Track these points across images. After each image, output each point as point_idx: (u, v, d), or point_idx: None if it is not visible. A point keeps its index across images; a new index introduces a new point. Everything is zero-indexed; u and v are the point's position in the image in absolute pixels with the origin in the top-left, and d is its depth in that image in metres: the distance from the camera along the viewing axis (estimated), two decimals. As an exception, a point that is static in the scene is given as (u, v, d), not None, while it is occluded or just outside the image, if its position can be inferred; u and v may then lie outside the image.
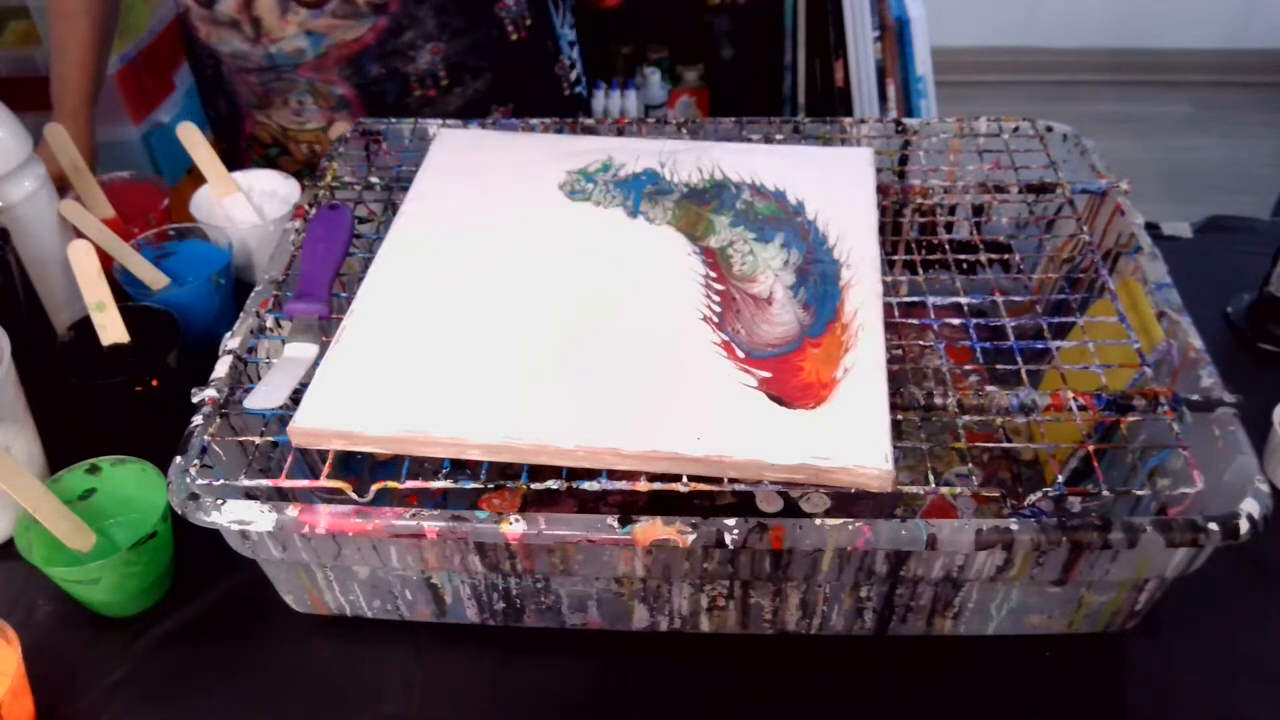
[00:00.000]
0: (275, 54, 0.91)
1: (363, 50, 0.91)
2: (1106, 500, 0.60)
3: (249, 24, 0.89)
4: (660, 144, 0.75)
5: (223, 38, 0.91)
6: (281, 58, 0.91)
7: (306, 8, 0.87)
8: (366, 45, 0.91)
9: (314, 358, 0.60)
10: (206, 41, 0.93)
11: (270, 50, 0.91)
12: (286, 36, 0.89)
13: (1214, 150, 2.47)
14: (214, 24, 0.91)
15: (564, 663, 0.61)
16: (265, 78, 0.93)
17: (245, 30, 0.89)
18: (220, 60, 0.94)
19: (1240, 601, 0.63)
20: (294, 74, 0.92)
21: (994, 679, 0.60)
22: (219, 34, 0.91)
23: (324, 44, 0.90)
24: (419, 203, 0.70)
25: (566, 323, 0.59)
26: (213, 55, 0.94)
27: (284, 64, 0.92)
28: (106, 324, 0.73)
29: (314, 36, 0.89)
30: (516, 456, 0.53)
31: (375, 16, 0.89)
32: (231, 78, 0.96)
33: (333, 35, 0.90)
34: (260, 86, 0.94)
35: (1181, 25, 2.62)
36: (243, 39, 0.90)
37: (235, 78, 0.95)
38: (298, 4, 0.87)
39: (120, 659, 0.62)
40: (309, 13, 0.88)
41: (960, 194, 0.75)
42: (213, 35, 0.92)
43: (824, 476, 0.52)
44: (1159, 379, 0.61)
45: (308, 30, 0.89)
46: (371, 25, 0.89)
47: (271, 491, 0.58)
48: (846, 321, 0.59)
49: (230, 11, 0.89)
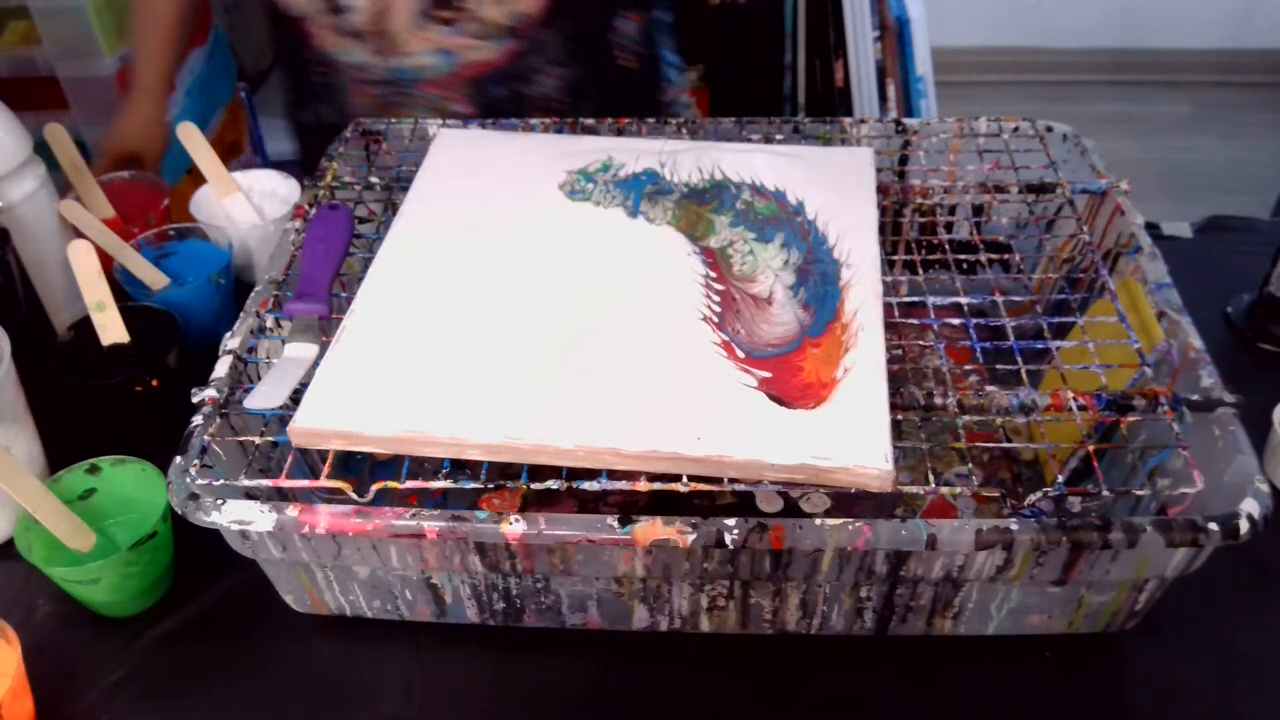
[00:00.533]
0: (401, 69, 0.89)
1: (490, 71, 0.90)
2: (1106, 500, 0.60)
3: (378, 37, 0.87)
4: (660, 144, 0.75)
5: (346, 48, 0.90)
6: (407, 73, 0.90)
7: (442, 25, 0.86)
8: (494, 66, 0.90)
9: (314, 358, 0.60)
10: (323, 49, 0.91)
11: (396, 65, 0.89)
12: (415, 52, 0.88)
13: (1214, 150, 2.47)
14: (338, 33, 0.89)
15: (564, 663, 0.61)
16: (385, 91, 0.92)
17: (372, 43, 0.88)
18: (337, 69, 0.92)
19: (1240, 601, 0.63)
20: (416, 90, 0.91)
21: (994, 679, 0.60)
22: (342, 43, 0.89)
23: (452, 62, 0.89)
24: (419, 203, 0.70)
25: (566, 323, 0.59)
26: (329, 63, 0.92)
27: (408, 79, 0.90)
28: (106, 324, 0.73)
29: (443, 54, 0.88)
30: (516, 456, 0.53)
31: (508, 39, 0.88)
32: (346, 87, 0.94)
33: (462, 55, 0.88)
34: (378, 99, 0.93)
35: (1181, 25, 2.62)
36: (368, 51, 0.89)
37: (351, 88, 0.93)
38: (434, 22, 0.86)
39: (120, 659, 0.62)
40: (443, 31, 0.87)
41: (960, 194, 0.75)
42: (334, 44, 0.90)
43: (824, 476, 0.52)
44: (1159, 379, 0.61)
45: (438, 48, 0.88)
46: (502, 47, 0.88)
47: (271, 491, 0.58)
48: (846, 321, 0.59)
49: (360, 24, 0.87)
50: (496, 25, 0.87)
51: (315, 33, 0.90)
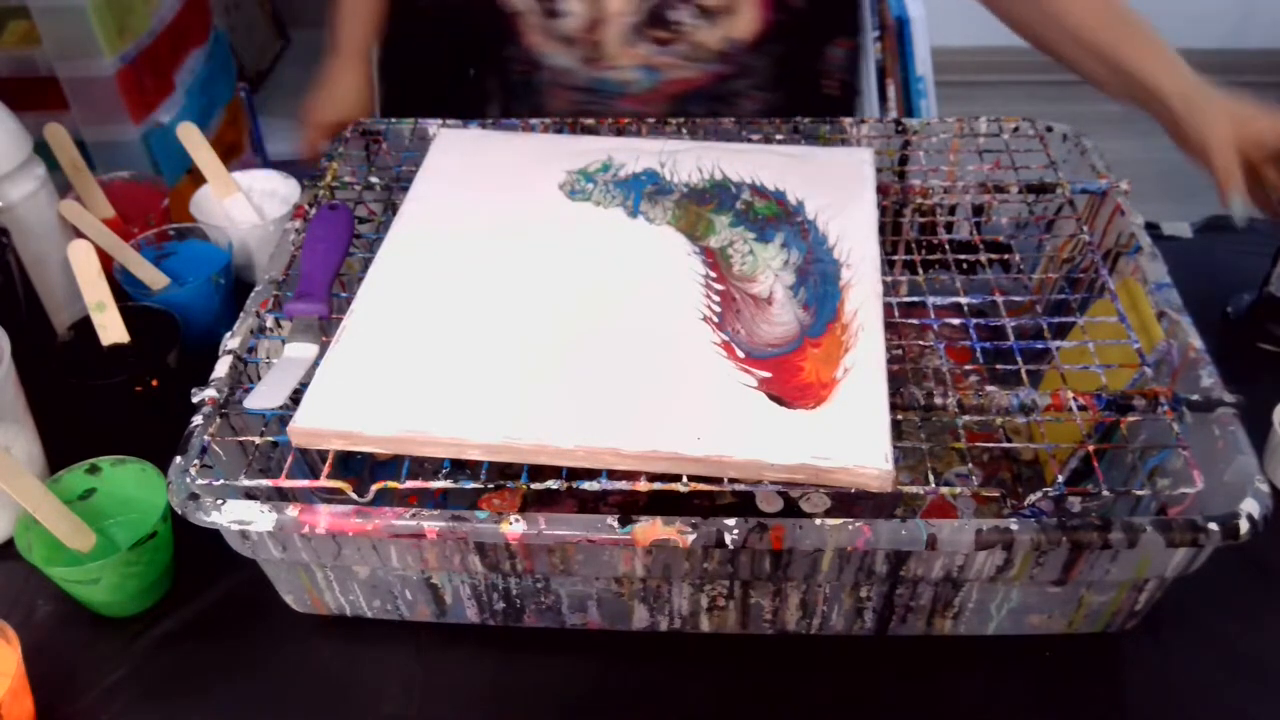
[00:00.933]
0: (604, 79, 0.88)
1: (693, 91, 0.88)
2: (1106, 500, 0.60)
3: (588, 46, 0.86)
4: (660, 144, 0.75)
5: (553, 51, 0.88)
6: (609, 85, 0.88)
7: (656, 44, 0.85)
8: (697, 86, 0.88)
9: (314, 358, 0.60)
10: (531, 47, 0.89)
11: (600, 75, 0.88)
12: (622, 66, 0.87)
13: (1214, 150, 2.47)
14: (548, 36, 0.87)
15: (564, 663, 0.61)
16: (584, 98, 0.90)
17: (580, 52, 0.87)
18: (540, 68, 0.90)
19: (1240, 601, 0.63)
20: (617, 103, 0.90)
21: (994, 679, 0.60)
22: (550, 46, 0.88)
23: (657, 79, 0.87)
24: (419, 203, 0.70)
25: (566, 323, 0.59)
26: (531, 61, 0.91)
27: (609, 91, 0.89)
28: (106, 324, 0.73)
29: (649, 70, 0.87)
30: (516, 456, 0.53)
31: (718, 63, 0.87)
32: (545, 88, 0.92)
33: (668, 73, 0.87)
34: (575, 105, 0.91)
35: (1181, 25, 2.60)
36: (575, 57, 0.88)
37: (551, 89, 0.92)
38: (646, 40, 0.84)
39: (120, 659, 0.62)
40: (655, 48, 0.85)
41: (960, 194, 0.75)
42: (543, 45, 0.89)
43: (824, 476, 0.52)
44: (1159, 379, 0.61)
45: (645, 64, 0.86)
46: (709, 69, 0.87)
47: (271, 491, 0.58)
48: (846, 321, 0.59)
49: (573, 30, 0.86)
50: (708, 49, 0.86)
51: (525, 31, 0.88)
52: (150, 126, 1.33)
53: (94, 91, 1.26)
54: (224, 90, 1.60)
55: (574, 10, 0.84)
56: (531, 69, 0.91)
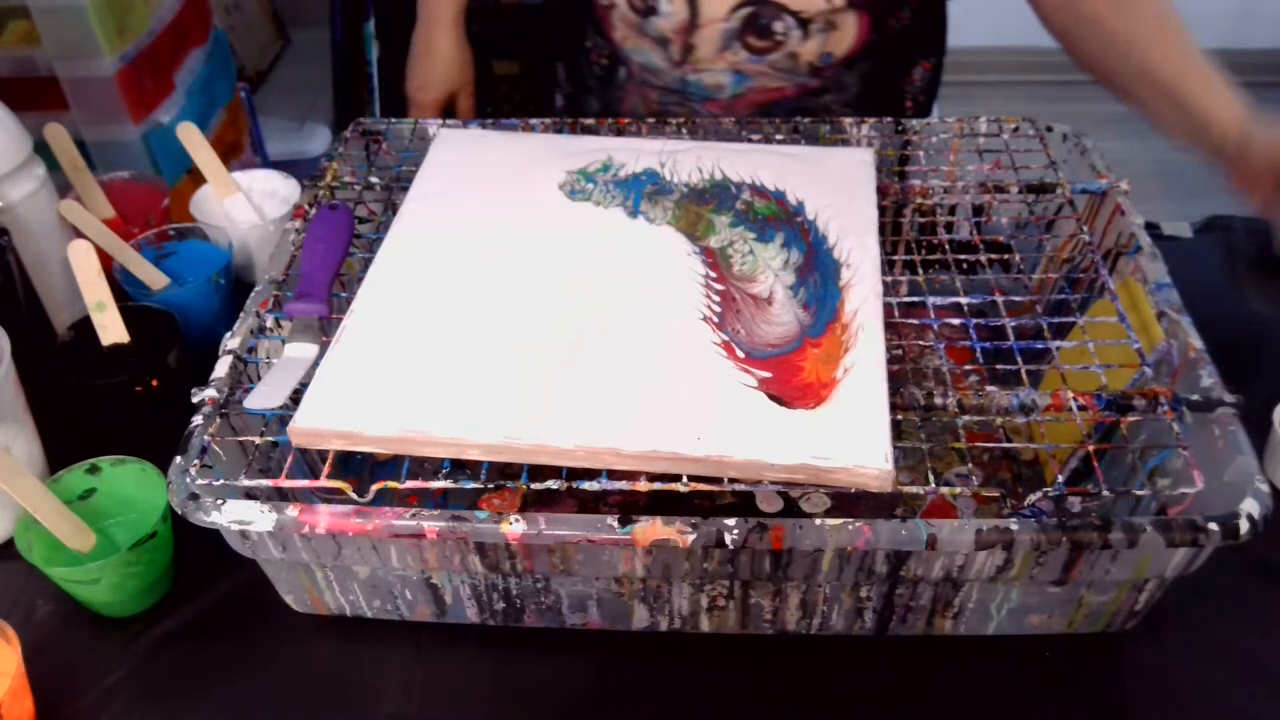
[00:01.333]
0: (691, 82, 0.87)
1: (779, 100, 0.88)
2: (1106, 500, 0.60)
3: (679, 48, 0.85)
4: (660, 144, 0.75)
5: (641, 47, 0.87)
6: (696, 88, 0.87)
7: (751, 52, 0.84)
8: (784, 96, 0.87)
9: (314, 358, 0.60)
10: (618, 41, 0.88)
11: (688, 77, 0.87)
12: (712, 70, 0.86)
13: (1214, 150, 2.47)
14: (639, 32, 0.86)
15: (564, 663, 0.61)
16: (668, 98, 0.89)
17: (671, 52, 0.86)
18: (625, 63, 0.89)
19: (1240, 601, 0.63)
20: (700, 106, 0.89)
21: (994, 679, 0.60)
22: (640, 43, 0.87)
23: (745, 86, 0.87)
24: (419, 203, 0.70)
25: (566, 323, 0.59)
26: (617, 56, 0.89)
27: (695, 94, 0.88)
28: (106, 324, 0.73)
29: (739, 76, 0.86)
30: (516, 456, 0.53)
31: (809, 77, 0.86)
32: (626, 84, 0.91)
33: (758, 80, 0.86)
34: (658, 103, 0.90)
35: (1180, 24, 2.61)
36: (664, 56, 0.87)
37: (632, 86, 0.91)
38: (743, 47, 0.84)
39: (120, 659, 0.62)
40: (749, 56, 0.84)
41: (960, 194, 0.75)
42: (630, 40, 0.88)
43: (824, 476, 0.52)
44: (1159, 379, 0.61)
45: (736, 70, 0.86)
46: (797, 81, 0.86)
47: (271, 491, 0.58)
48: (846, 321, 0.59)
49: (667, 29, 0.84)
50: (803, 63, 0.85)
51: (615, 24, 0.87)
52: (150, 126, 1.32)
53: (94, 91, 1.26)
54: (224, 90, 1.60)
55: (671, 10, 0.83)
56: (613, 63, 0.89)
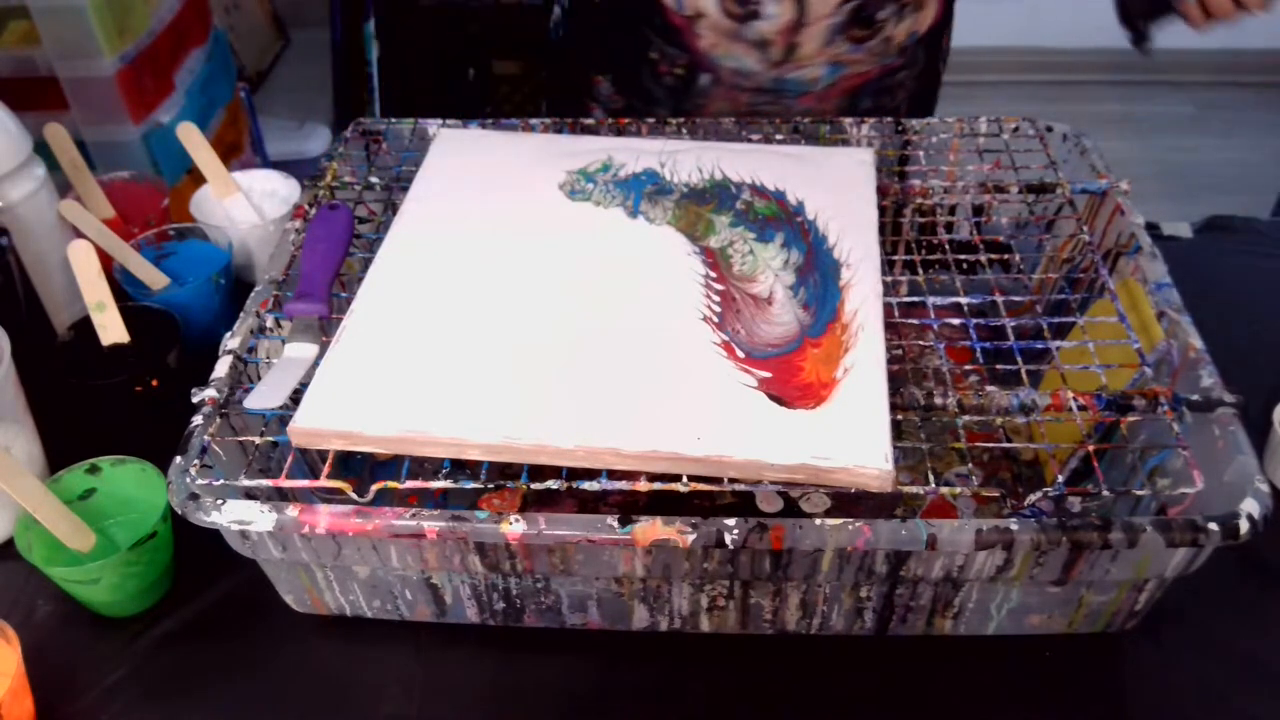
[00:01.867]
0: (789, 80, 0.87)
1: (864, 83, 0.88)
2: (1106, 500, 0.60)
3: (782, 49, 0.84)
4: (660, 144, 0.75)
5: (733, 53, 0.85)
6: (793, 84, 0.87)
7: (853, 42, 0.84)
8: (869, 78, 0.88)
9: (314, 358, 0.60)
10: (704, 50, 0.86)
11: (786, 76, 0.86)
12: (812, 65, 0.86)
13: (1214, 150, 2.47)
14: (733, 39, 0.85)
15: (564, 663, 0.61)
16: (759, 99, 0.89)
17: (771, 53, 0.85)
18: (710, 70, 0.87)
19: (1240, 601, 0.63)
20: (794, 101, 0.89)
21: (994, 679, 0.60)
22: (731, 48, 0.85)
23: (837, 74, 0.87)
24: (419, 203, 0.70)
25: (566, 323, 0.59)
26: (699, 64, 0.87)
27: (792, 90, 0.88)
28: (106, 324, 0.73)
29: (835, 67, 0.86)
30: (516, 456, 0.53)
31: (896, 56, 0.87)
32: (709, 90, 0.89)
33: (850, 68, 0.86)
34: (748, 105, 0.90)
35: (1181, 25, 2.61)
36: (760, 60, 0.85)
37: (718, 90, 0.89)
38: (846, 39, 0.84)
39: (120, 659, 0.62)
40: (850, 47, 0.85)
41: (960, 194, 0.75)
42: (720, 47, 0.86)
43: (824, 476, 0.52)
44: (1159, 379, 0.61)
45: (834, 61, 0.86)
46: (885, 63, 0.87)
47: (271, 491, 0.58)
48: (846, 321, 0.59)
49: (768, 32, 0.83)
50: (895, 44, 0.86)
51: (699, 35, 0.86)
52: (150, 126, 1.32)
53: (94, 91, 1.26)
54: (224, 90, 1.60)
55: (777, 12, 0.82)
56: (692, 72, 0.88)
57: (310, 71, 2.12)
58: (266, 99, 2.04)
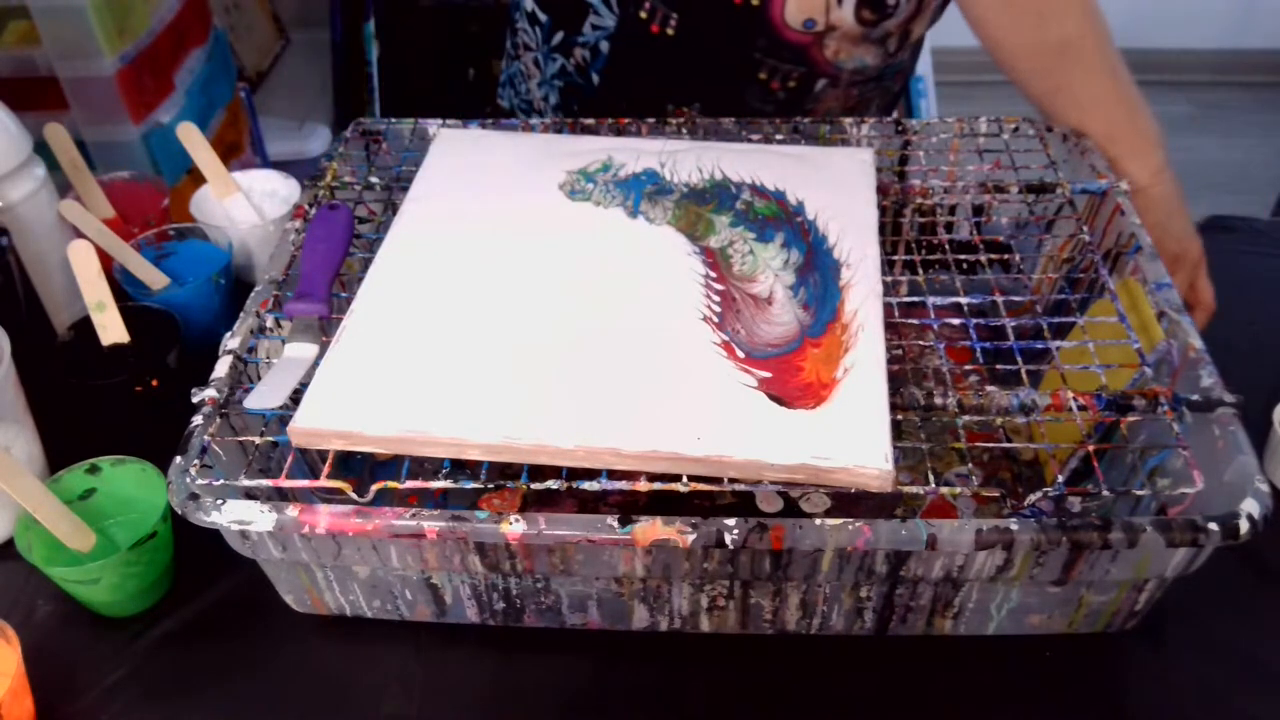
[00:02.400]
0: (893, 65, 0.89)
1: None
2: (1106, 500, 0.60)
3: (898, 38, 0.85)
4: (660, 144, 0.75)
5: (856, 54, 0.85)
6: (892, 69, 0.89)
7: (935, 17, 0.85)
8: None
9: (314, 358, 0.60)
10: (829, 59, 0.85)
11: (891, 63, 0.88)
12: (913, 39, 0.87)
13: (1214, 150, 2.47)
14: (859, 42, 0.84)
15: (564, 663, 0.61)
16: (867, 89, 0.90)
17: (889, 45, 0.86)
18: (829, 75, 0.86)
19: (1240, 601, 0.63)
20: (892, 81, 0.91)
21: (994, 679, 0.60)
22: (854, 51, 0.85)
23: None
24: (419, 203, 0.70)
25: (566, 323, 0.59)
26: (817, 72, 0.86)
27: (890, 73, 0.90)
28: (106, 324, 0.73)
29: None
30: (516, 456, 0.53)
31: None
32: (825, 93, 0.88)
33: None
34: (857, 97, 0.90)
35: (1181, 25, 2.62)
36: (878, 54, 0.86)
37: (833, 92, 0.88)
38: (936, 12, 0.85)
39: (120, 659, 0.62)
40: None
41: (960, 194, 0.75)
42: (844, 53, 0.85)
43: (824, 476, 0.52)
44: (1159, 379, 0.61)
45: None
46: None
47: (271, 491, 0.58)
48: (846, 321, 0.59)
49: (891, 26, 0.83)
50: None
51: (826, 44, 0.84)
52: (150, 126, 1.33)
53: (94, 91, 1.26)
54: (224, 90, 1.60)
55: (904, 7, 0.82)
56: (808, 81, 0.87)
57: (310, 71, 2.12)
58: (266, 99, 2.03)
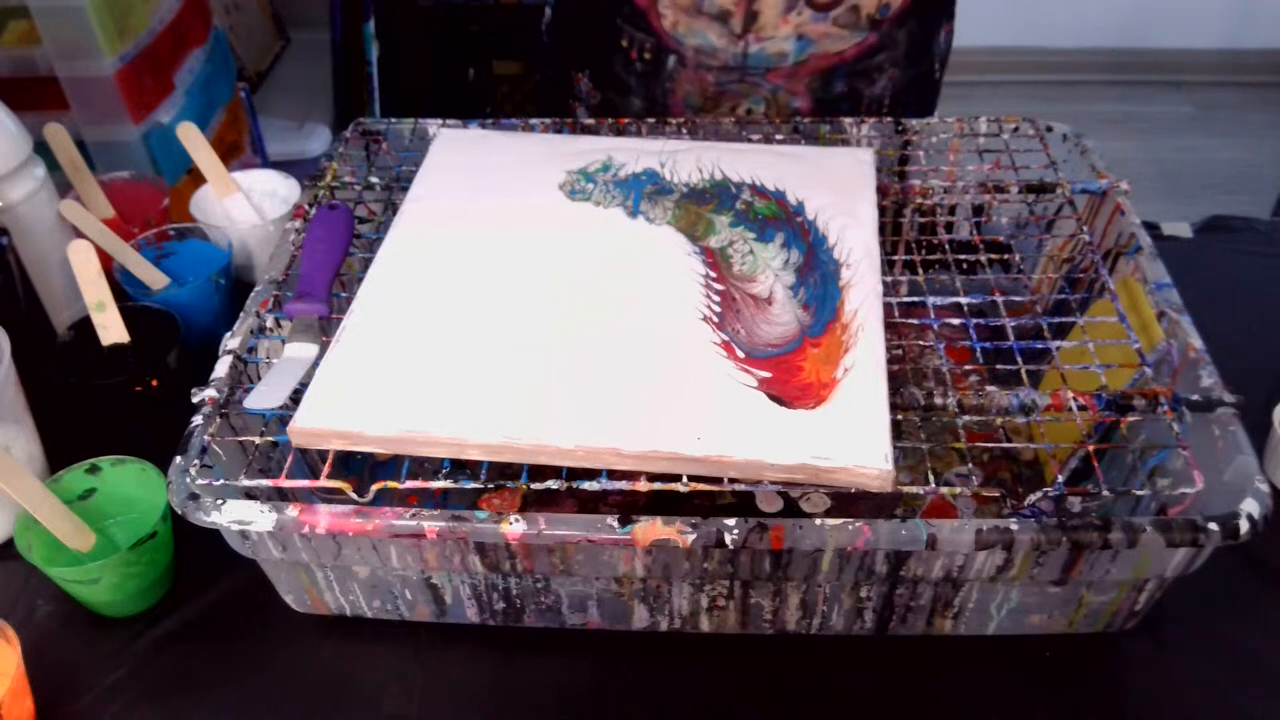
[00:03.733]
0: (754, 54, 0.86)
1: (839, 65, 0.87)
2: (1106, 500, 0.60)
3: (741, 18, 0.83)
4: (660, 144, 0.75)
5: (695, 28, 0.85)
6: (758, 59, 0.86)
7: (815, 10, 0.83)
8: (844, 60, 0.87)
9: (314, 358, 0.60)
10: (668, 29, 0.86)
11: (750, 50, 0.86)
12: (775, 37, 0.85)
13: (1214, 150, 2.47)
14: (693, 14, 0.84)
15: (564, 663, 0.61)
16: (727, 78, 0.88)
17: (733, 25, 0.84)
18: (676, 51, 0.87)
19: (1240, 601, 0.63)
20: (762, 78, 0.88)
21: (994, 679, 0.60)
22: (693, 24, 0.85)
23: (807, 51, 0.86)
24: (419, 203, 0.70)
25: (566, 323, 0.59)
26: (665, 45, 0.87)
27: (756, 67, 0.87)
28: (106, 324, 0.73)
29: (802, 42, 0.85)
30: (516, 456, 0.53)
31: (868, 31, 0.86)
32: (677, 72, 0.89)
33: (820, 44, 0.85)
34: (715, 86, 0.89)
35: (1181, 25, 2.62)
36: (722, 33, 0.85)
37: (685, 73, 0.88)
38: (807, 5, 0.83)
39: (120, 659, 0.62)
40: (813, 15, 0.83)
41: (960, 194, 0.75)
42: (682, 24, 0.85)
43: (824, 476, 0.52)
44: (1159, 379, 0.61)
45: (800, 34, 0.84)
46: (858, 41, 0.86)
47: (271, 491, 0.58)
48: (846, 321, 0.59)
49: (726, 3, 0.83)
50: (864, 16, 0.85)
51: (663, 13, 0.85)
52: (150, 126, 1.33)
53: (94, 91, 1.26)
54: (224, 90, 1.60)
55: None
56: (659, 55, 0.88)
57: (310, 71, 2.12)
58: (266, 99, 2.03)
